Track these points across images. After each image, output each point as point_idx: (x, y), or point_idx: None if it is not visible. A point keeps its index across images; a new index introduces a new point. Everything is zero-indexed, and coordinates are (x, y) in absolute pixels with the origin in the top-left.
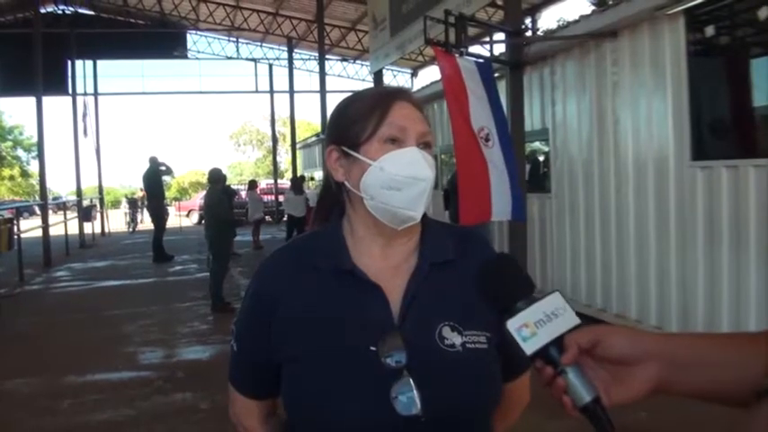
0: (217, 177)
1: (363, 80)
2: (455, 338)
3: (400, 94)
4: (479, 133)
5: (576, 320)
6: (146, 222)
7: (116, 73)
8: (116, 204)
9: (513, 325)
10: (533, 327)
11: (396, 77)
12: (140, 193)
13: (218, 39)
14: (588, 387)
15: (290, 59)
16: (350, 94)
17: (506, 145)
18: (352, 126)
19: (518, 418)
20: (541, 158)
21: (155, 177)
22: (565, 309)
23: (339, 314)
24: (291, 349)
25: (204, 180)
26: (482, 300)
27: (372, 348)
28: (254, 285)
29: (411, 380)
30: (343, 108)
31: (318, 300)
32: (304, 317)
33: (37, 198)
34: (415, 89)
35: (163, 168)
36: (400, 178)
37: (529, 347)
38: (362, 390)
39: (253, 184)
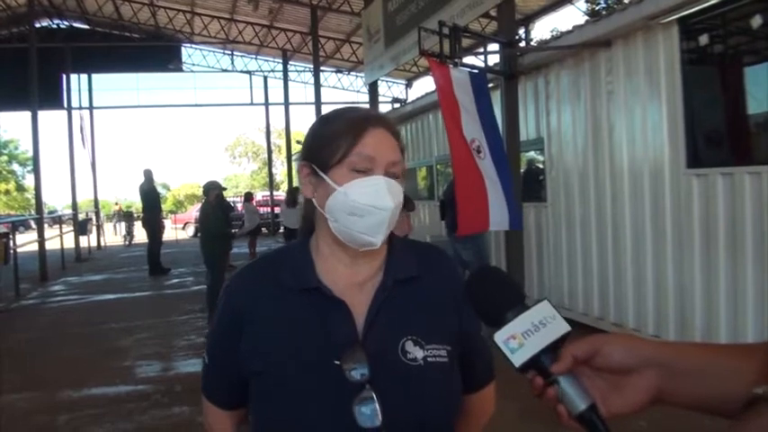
0: (205, 190)
1: (358, 91)
2: (417, 352)
3: (375, 120)
4: (471, 144)
5: (566, 328)
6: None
7: (111, 86)
8: (111, 218)
9: (500, 337)
10: (521, 338)
11: (390, 88)
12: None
13: (213, 51)
14: (583, 395)
15: (285, 71)
16: (335, 108)
17: (499, 157)
18: (323, 148)
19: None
20: (537, 168)
21: (150, 190)
22: (554, 317)
23: (304, 329)
24: (257, 363)
25: (200, 193)
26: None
27: (336, 362)
28: (224, 299)
29: (373, 393)
30: (318, 127)
31: (284, 315)
32: (270, 331)
33: (32, 212)
34: (409, 100)
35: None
36: (362, 206)
37: (517, 359)
38: (326, 402)
39: (249, 197)
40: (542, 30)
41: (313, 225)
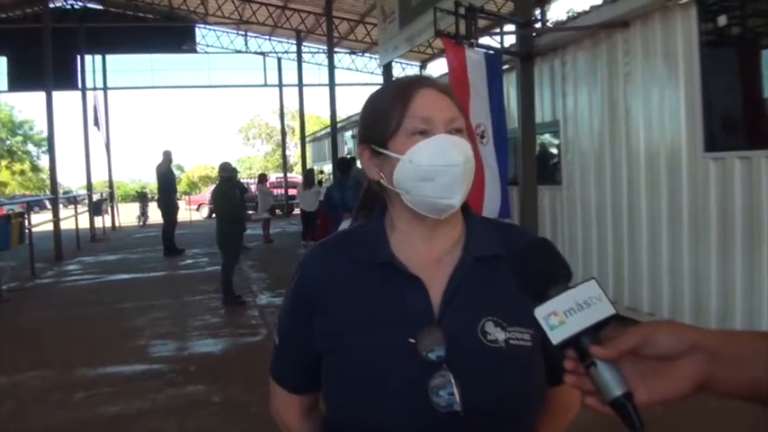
0: (220, 171)
1: (372, 73)
2: (498, 334)
3: (421, 81)
4: (476, 130)
5: (611, 311)
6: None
7: (125, 67)
8: (125, 198)
9: (540, 312)
10: (562, 315)
11: (405, 70)
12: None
13: (227, 32)
14: (619, 381)
15: (299, 53)
16: (378, 87)
17: (500, 144)
18: (377, 123)
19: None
20: (552, 151)
21: (167, 172)
22: (600, 298)
23: (379, 306)
24: (330, 341)
25: (213, 174)
26: (517, 287)
27: (411, 341)
28: (297, 277)
29: (451, 375)
30: (367, 106)
31: (358, 292)
32: (344, 309)
33: (47, 192)
34: None
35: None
36: (430, 167)
37: (556, 337)
38: (401, 383)
39: (263, 178)
40: (559, 10)
41: (372, 205)
